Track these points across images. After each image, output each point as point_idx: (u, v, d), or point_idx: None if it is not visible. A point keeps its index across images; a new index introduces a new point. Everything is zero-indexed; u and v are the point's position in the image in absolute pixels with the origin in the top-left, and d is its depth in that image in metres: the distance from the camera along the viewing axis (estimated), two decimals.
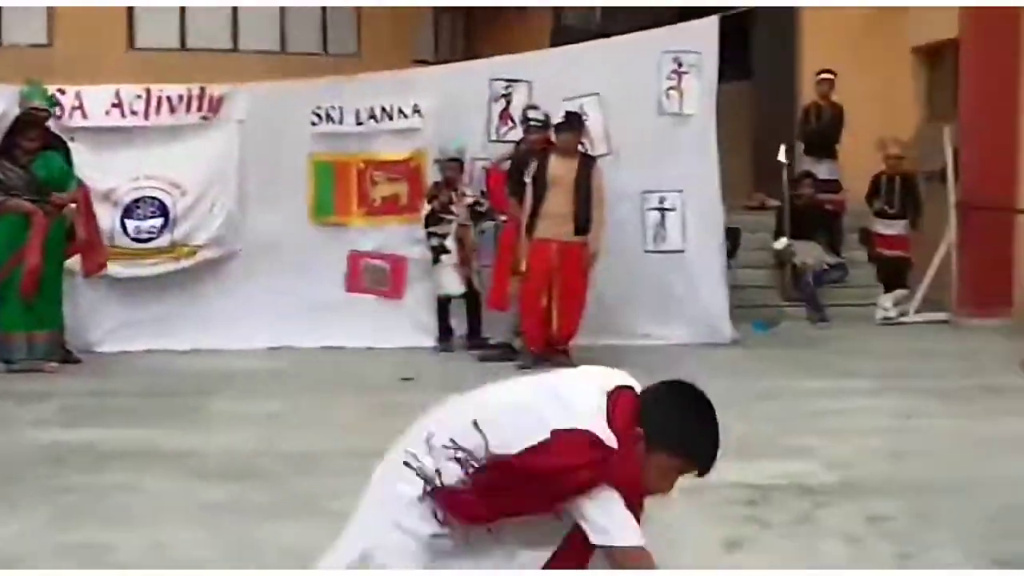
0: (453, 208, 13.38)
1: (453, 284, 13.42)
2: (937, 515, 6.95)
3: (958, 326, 15.02)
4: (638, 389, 4.16)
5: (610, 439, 3.96)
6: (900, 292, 15.83)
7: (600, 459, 3.93)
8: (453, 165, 13.38)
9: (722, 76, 13.98)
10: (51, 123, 12.68)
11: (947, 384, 11.25)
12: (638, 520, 4.03)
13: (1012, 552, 6.24)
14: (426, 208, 13.54)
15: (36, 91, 12.77)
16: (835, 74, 17.03)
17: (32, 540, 6.52)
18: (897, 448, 8.72)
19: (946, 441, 9.01)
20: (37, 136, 12.30)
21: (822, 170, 16.72)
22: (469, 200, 13.32)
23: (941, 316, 15.36)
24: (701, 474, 4.10)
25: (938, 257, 15.52)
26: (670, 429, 4.05)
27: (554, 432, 3.97)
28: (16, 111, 12.57)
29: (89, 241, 12.61)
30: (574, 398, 4.09)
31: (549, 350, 12.46)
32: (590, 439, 3.94)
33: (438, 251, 13.45)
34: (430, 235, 13.49)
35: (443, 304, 13.61)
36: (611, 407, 4.06)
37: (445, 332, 13.65)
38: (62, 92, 13.35)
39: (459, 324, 13.58)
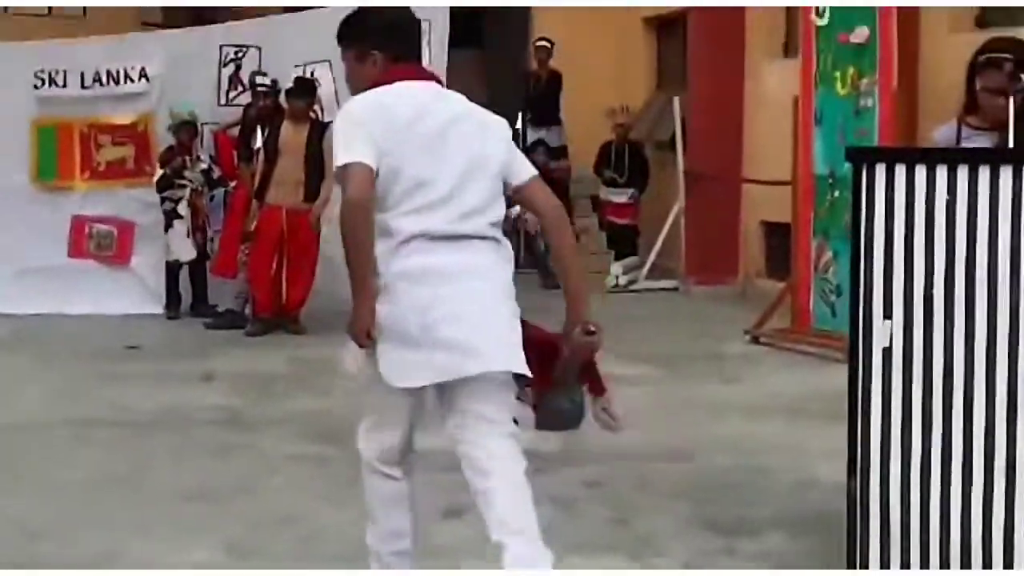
0: (187, 173, 13.28)
1: (184, 250, 13.31)
2: (654, 481, 7.09)
3: (687, 293, 15.33)
4: None
5: None
6: (630, 260, 16.12)
7: None
8: (187, 128, 13.26)
9: (453, 43, 14.05)
10: None
11: (673, 350, 11.48)
12: None
13: (725, 516, 6.41)
14: (159, 172, 13.41)
15: None
16: (552, 42, 17.18)
17: None
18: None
19: (669, 407, 9.19)
20: None
21: (550, 137, 16.90)
22: (203, 165, 13.22)
23: (670, 284, 15.67)
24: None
25: (667, 225, 15.76)
26: None
27: None
28: None
29: None
30: None
31: (279, 316, 12.49)
32: None
33: (170, 215, 13.35)
34: (163, 200, 13.36)
35: (173, 270, 13.50)
36: None
37: (174, 299, 13.53)
38: None
39: (188, 291, 13.45)
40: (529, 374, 4.93)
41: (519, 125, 16.49)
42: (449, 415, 4.88)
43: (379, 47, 4.99)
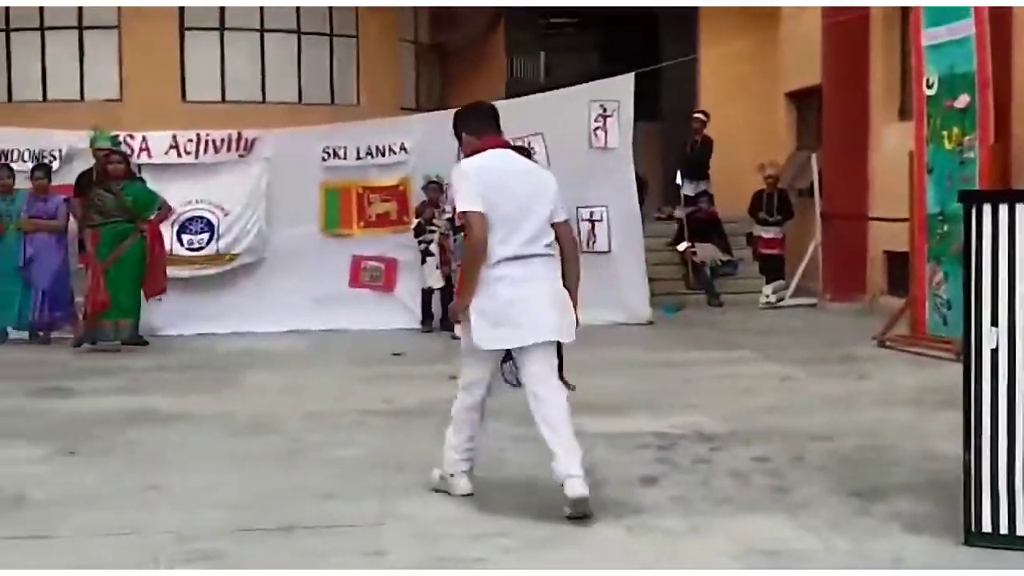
0: (435, 221, 13.39)
1: (435, 279, 13.39)
2: (807, 457, 6.92)
3: (824, 309, 15.02)
4: None
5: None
6: (778, 283, 15.84)
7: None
8: (434, 187, 13.35)
9: (638, 117, 14.01)
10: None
11: (812, 354, 11.25)
12: None
13: (863, 485, 6.22)
14: (415, 222, 13.57)
15: (103, 135, 12.77)
16: (707, 114, 17.07)
17: (106, 484, 6.46)
18: (775, 404, 8.71)
19: (814, 398, 9.00)
20: (119, 170, 12.31)
21: (697, 188, 16.74)
22: (447, 215, 13.29)
23: (811, 301, 15.37)
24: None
25: (807, 255, 15.54)
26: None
27: None
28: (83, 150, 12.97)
29: (154, 265, 12.56)
30: None
31: None
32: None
33: (424, 254, 13.46)
34: (419, 242, 13.49)
35: (426, 295, 13.56)
36: None
37: (428, 317, 13.59)
38: (131, 137, 13.39)
39: (438, 311, 13.53)
40: (569, 340, 5.91)
41: (678, 179, 16.50)
42: (521, 369, 5.85)
43: (465, 130, 6.04)
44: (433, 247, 13.39)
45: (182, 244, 13.52)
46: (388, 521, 5.65)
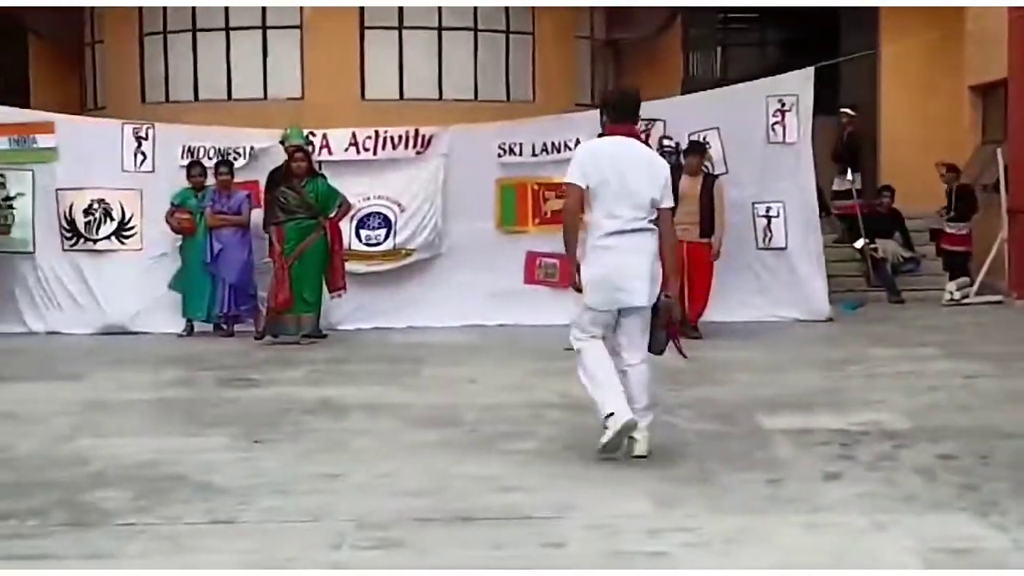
0: None
1: None
2: (994, 455, 6.69)
3: (1010, 306, 14.61)
4: None
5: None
6: (962, 279, 15.39)
7: None
8: None
9: (816, 111, 13.75)
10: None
11: (1000, 351, 10.90)
12: None
13: None
14: None
15: (296, 132, 13.01)
16: (854, 109, 16.98)
17: (288, 471, 6.56)
18: (961, 402, 8.45)
19: (1001, 396, 8.70)
20: (302, 168, 12.52)
21: (846, 182, 16.31)
22: None
23: (996, 298, 14.92)
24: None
25: (993, 251, 15.09)
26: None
27: None
28: (274, 148, 13.13)
29: (334, 261, 12.76)
30: None
31: (683, 326, 12.38)
32: None
33: None
34: None
35: None
36: None
37: None
38: (313, 135, 13.58)
39: None
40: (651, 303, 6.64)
41: (851, 175, 16.18)
42: (618, 328, 6.68)
43: (604, 113, 6.89)
44: None
45: (360, 240, 13.69)
46: (567, 513, 5.61)
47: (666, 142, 12.99)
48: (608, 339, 6.74)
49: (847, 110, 17.03)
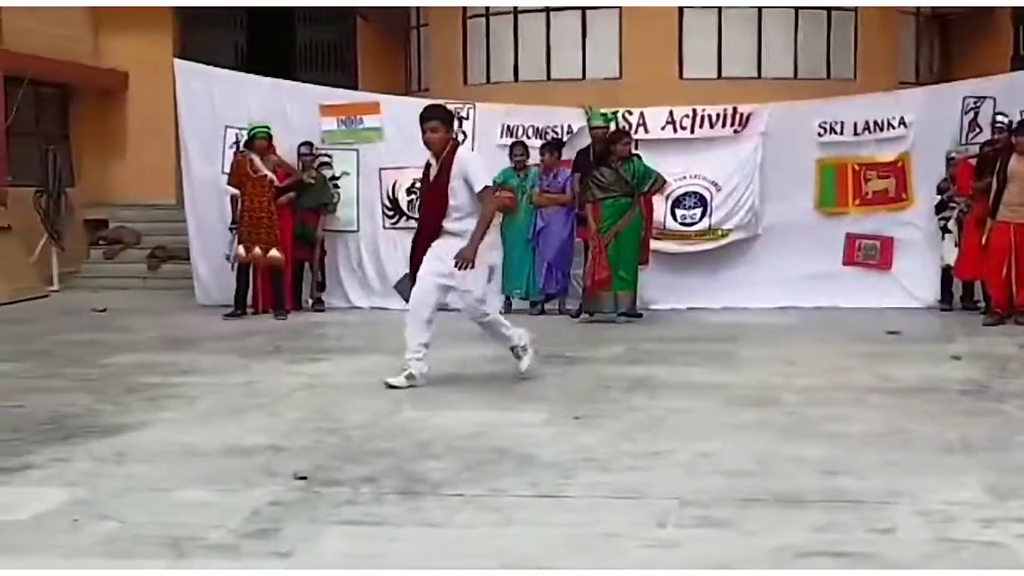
0: (956, 199, 12.96)
1: (951, 256, 12.97)
2: None
3: None
4: None
5: None
6: None
7: None
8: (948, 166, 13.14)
9: None
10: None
11: None
12: None
13: None
14: (936, 198, 13.27)
15: (595, 114, 13.14)
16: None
17: (609, 447, 6.59)
18: None
19: None
20: (624, 151, 12.60)
21: None
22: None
23: None
24: None
25: None
26: None
27: None
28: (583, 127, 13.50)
29: (644, 238, 12.82)
30: None
31: (1011, 310, 11.90)
32: None
33: (943, 231, 13.14)
34: (940, 219, 13.19)
35: (945, 272, 13.25)
36: None
37: (947, 296, 13.35)
38: (629, 113, 13.67)
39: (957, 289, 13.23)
40: None
41: None
42: None
43: None
44: (951, 224, 12.98)
45: (675, 219, 13.70)
46: (895, 499, 5.45)
47: (999, 118, 12.52)
48: None
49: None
